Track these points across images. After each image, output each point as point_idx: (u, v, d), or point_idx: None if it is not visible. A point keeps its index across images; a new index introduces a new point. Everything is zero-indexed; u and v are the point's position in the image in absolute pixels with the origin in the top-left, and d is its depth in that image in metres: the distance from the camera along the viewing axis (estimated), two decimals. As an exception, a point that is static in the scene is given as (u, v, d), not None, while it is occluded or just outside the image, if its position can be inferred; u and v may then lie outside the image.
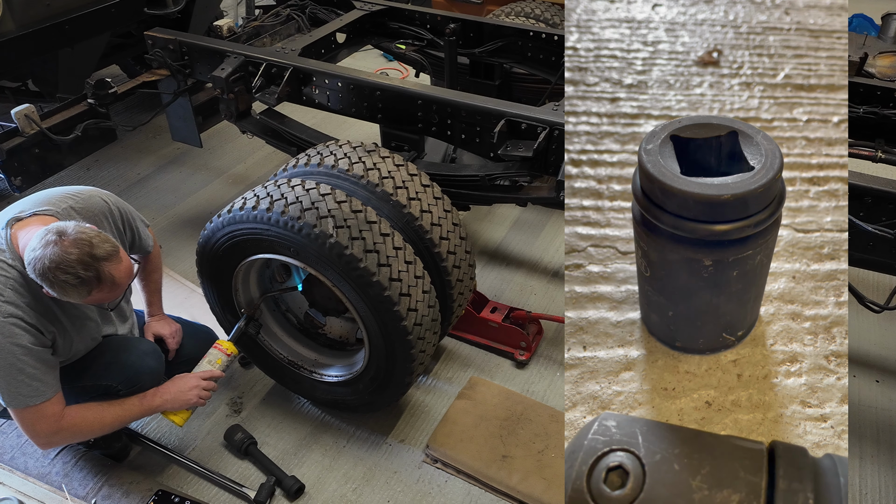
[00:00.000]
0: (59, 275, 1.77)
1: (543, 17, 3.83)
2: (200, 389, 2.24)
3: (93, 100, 2.93)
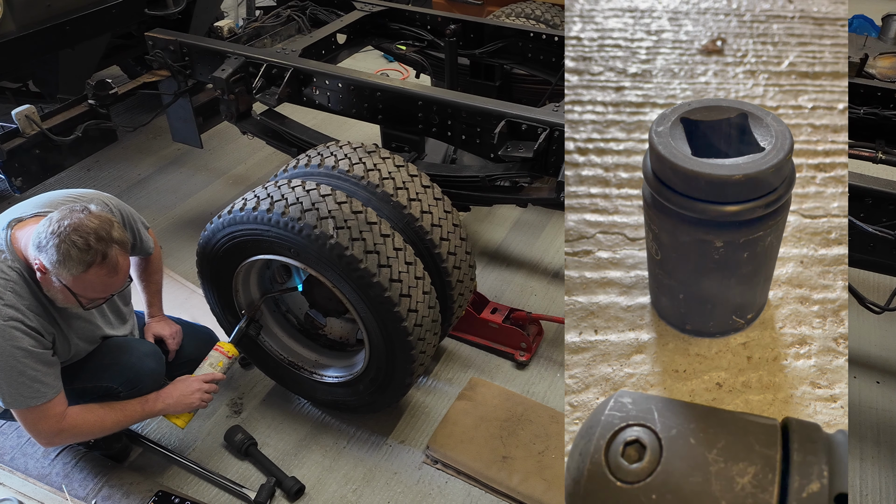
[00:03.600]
0: (71, 234, 1.78)
1: (544, 18, 3.83)
2: (202, 392, 2.24)
3: (93, 100, 2.93)
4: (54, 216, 1.83)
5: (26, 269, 1.92)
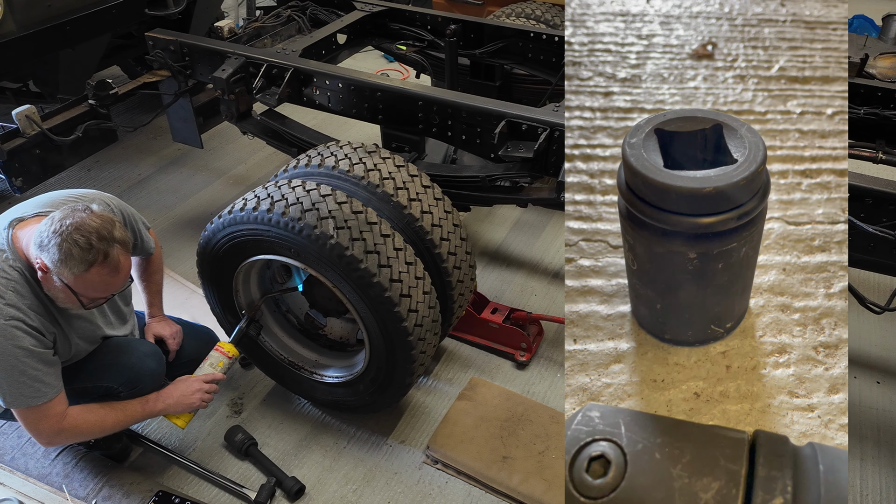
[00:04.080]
0: (73, 234, 1.78)
1: (544, 18, 3.83)
2: (203, 393, 2.25)
3: (94, 101, 2.93)
4: (56, 215, 1.83)
5: (27, 269, 1.92)
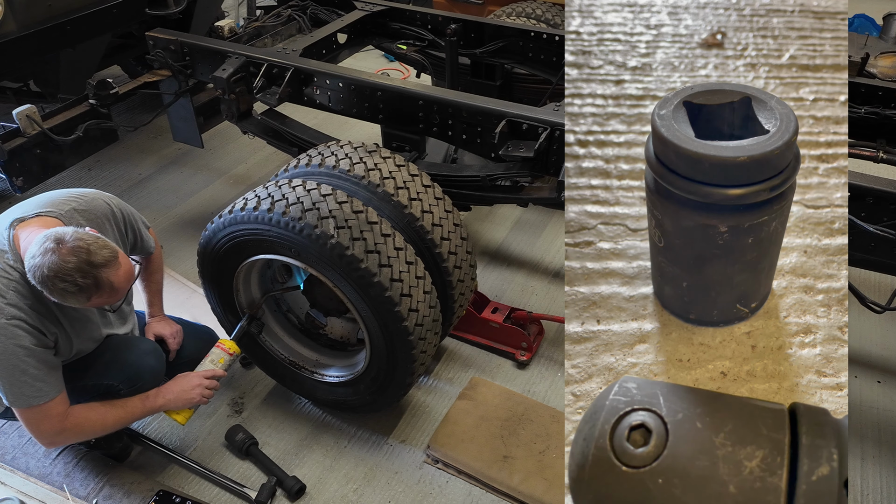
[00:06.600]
0: (57, 283, 1.77)
1: (544, 17, 3.83)
2: (203, 388, 2.25)
3: (94, 100, 2.93)
4: (30, 262, 1.79)
5: (28, 269, 1.92)
